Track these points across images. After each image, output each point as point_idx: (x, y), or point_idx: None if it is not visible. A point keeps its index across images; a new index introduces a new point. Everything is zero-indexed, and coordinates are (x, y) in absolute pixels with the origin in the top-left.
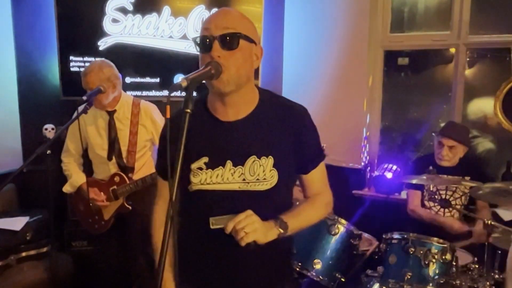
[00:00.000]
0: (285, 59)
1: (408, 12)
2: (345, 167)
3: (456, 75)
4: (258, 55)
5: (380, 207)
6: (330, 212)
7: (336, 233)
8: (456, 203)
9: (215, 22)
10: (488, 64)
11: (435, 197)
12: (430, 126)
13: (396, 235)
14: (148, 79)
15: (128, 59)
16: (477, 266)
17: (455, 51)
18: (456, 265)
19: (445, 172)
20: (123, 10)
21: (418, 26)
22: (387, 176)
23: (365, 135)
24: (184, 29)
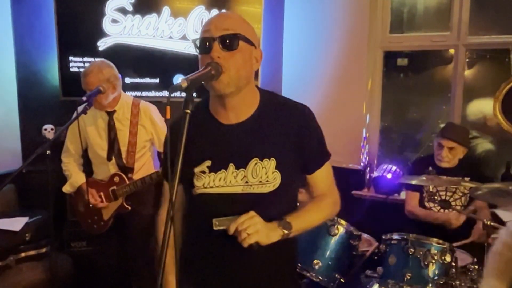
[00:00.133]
0: (284, 59)
1: (407, 13)
2: (344, 168)
3: (456, 76)
4: (258, 58)
5: (379, 208)
6: (337, 212)
7: (335, 233)
8: (456, 204)
9: (215, 24)
10: (487, 65)
11: (435, 198)
12: (429, 127)
13: (395, 236)
14: (147, 80)
15: (127, 59)
16: (476, 267)
17: (455, 52)
18: (455, 265)
19: (444, 173)
20: (122, 11)
21: (418, 27)
22: (386, 177)
23: (364, 136)
24: (183, 29)
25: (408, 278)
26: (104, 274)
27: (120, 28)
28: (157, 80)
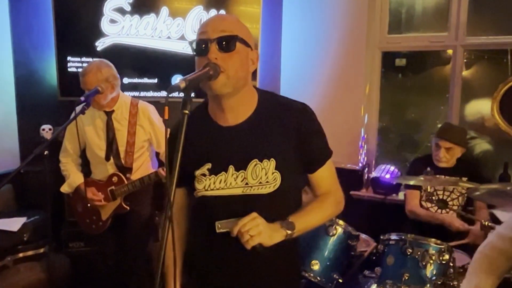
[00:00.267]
0: (283, 60)
1: (405, 13)
2: (342, 168)
3: (454, 76)
4: (254, 60)
5: (377, 208)
6: (340, 210)
7: (334, 234)
8: (454, 204)
9: (211, 26)
10: (485, 66)
11: (433, 198)
12: (427, 127)
13: (393, 236)
14: (145, 80)
15: (126, 59)
16: None
17: (453, 52)
18: (453, 266)
19: (442, 172)
20: (121, 11)
21: (416, 28)
22: (385, 177)
23: (362, 136)
24: (182, 29)
25: (406, 278)
26: (102, 275)
27: (119, 28)
28: (155, 80)
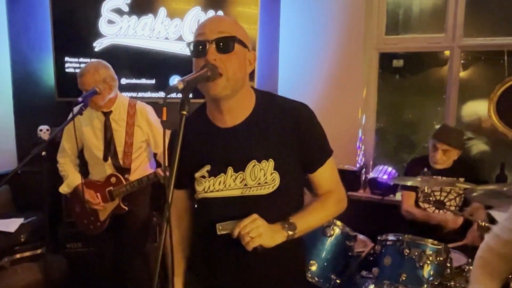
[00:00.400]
0: (280, 61)
1: (403, 14)
2: (340, 169)
3: (451, 77)
4: (252, 61)
5: (375, 209)
6: (343, 209)
7: (331, 234)
8: (451, 205)
9: (209, 27)
10: (482, 67)
11: (430, 198)
12: (424, 128)
13: (391, 237)
14: (143, 80)
15: (123, 60)
16: (471, 268)
17: (450, 53)
18: (450, 266)
19: (439, 173)
20: (118, 11)
21: (413, 29)
22: (382, 178)
23: (360, 137)
24: (180, 30)
25: (404, 278)
26: (100, 275)
27: (116, 28)
28: (153, 81)
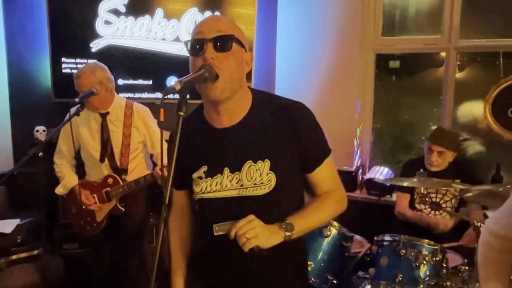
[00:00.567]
0: (277, 61)
1: (399, 16)
2: (337, 170)
3: (447, 78)
4: (248, 61)
5: (371, 210)
6: (343, 209)
7: (328, 235)
8: (446, 206)
9: (207, 26)
10: (478, 68)
11: (426, 199)
12: (421, 129)
13: (387, 237)
14: (140, 81)
15: (120, 61)
16: (467, 268)
17: (446, 55)
18: (446, 266)
19: (435, 174)
20: (115, 12)
21: (409, 30)
22: (378, 179)
23: (357, 138)
24: (176, 31)
25: (400, 279)
26: (97, 276)
27: (113, 29)
28: (150, 82)
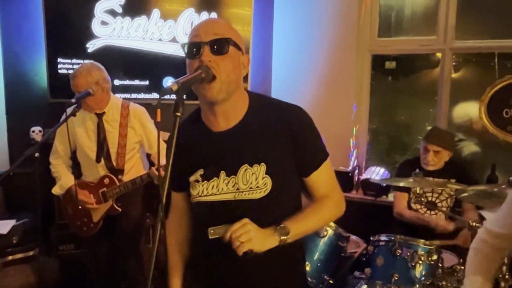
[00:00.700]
0: (274, 62)
1: (395, 17)
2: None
3: (442, 79)
4: (245, 64)
5: (367, 210)
6: (341, 212)
7: (324, 235)
8: (442, 205)
9: (204, 29)
10: (473, 69)
11: (421, 199)
12: (416, 130)
13: (383, 237)
14: (137, 82)
15: (117, 61)
16: (462, 268)
17: (441, 55)
18: (442, 266)
19: (431, 174)
20: (112, 13)
21: (405, 31)
22: (374, 179)
23: (353, 138)
24: (173, 32)
25: (396, 279)
26: (93, 277)
27: (110, 30)
28: (146, 82)
